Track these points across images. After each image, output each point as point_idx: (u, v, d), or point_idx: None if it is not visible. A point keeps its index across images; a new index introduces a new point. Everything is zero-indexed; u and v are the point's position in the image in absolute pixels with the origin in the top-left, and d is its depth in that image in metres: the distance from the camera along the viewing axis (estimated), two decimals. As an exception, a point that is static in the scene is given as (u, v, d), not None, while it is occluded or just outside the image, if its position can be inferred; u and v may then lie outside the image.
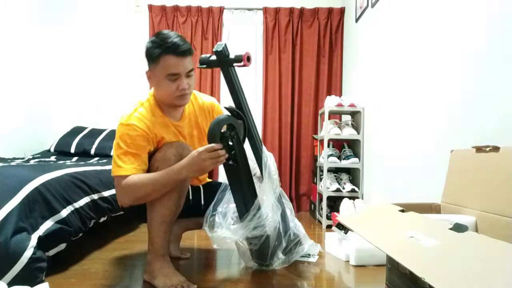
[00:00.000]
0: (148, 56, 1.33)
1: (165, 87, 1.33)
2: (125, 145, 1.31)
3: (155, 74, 1.33)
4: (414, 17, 1.84)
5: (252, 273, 1.49)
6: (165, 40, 1.28)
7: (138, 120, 1.34)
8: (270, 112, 3.31)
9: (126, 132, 1.32)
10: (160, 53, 1.28)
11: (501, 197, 0.98)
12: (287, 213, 1.51)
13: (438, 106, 1.57)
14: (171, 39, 1.28)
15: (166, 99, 1.38)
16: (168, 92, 1.33)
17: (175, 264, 1.44)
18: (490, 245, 0.72)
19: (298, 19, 3.33)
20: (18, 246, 1.22)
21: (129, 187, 1.28)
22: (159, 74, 1.31)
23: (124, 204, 1.36)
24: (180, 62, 1.30)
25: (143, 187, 1.28)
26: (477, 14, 1.32)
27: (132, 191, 1.29)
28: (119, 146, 1.32)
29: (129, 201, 1.33)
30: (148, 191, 1.29)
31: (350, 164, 2.61)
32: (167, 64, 1.29)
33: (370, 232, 1.00)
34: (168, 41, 1.28)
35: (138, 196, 1.31)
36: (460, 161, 1.22)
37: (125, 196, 1.32)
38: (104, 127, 3.18)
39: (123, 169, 1.29)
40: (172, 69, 1.30)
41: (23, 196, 1.32)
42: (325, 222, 2.54)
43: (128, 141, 1.31)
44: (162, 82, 1.32)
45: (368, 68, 2.59)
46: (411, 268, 0.70)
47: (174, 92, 1.33)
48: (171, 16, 3.33)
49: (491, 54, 1.24)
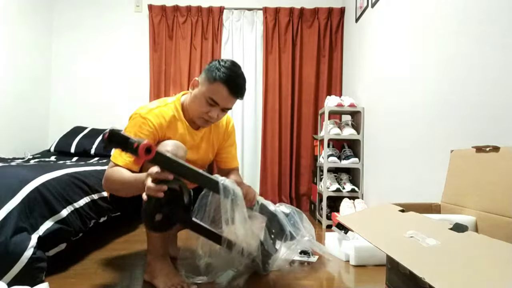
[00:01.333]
0: (209, 71, 1.35)
1: (199, 104, 1.37)
2: (132, 135, 1.28)
3: (201, 89, 1.37)
4: (414, 17, 1.84)
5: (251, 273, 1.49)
6: (231, 73, 1.33)
7: (155, 117, 1.37)
8: (270, 112, 3.31)
9: (139, 124, 1.35)
10: (219, 79, 1.32)
11: (501, 197, 0.98)
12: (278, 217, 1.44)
13: (438, 106, 1.56)
14: (235, 77, 1.34)
15: (192, 112, 1.42)
16: (198, 109, 1.38)
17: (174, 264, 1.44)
18: (490, 245, 0.72)
19: (298, 19, 3.33)
20: (18, 246, 1.22)
21: (107, 178, 1.32)
22: (205, 91, 1.35)
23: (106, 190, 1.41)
24: (228, 98, 1.35)
25: (115, 183, 1.30)
26: (477, 13, 1.32)
27: (107, 182, 1.33)
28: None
29: (105, 189, 1.38)
30: (118, 188, 1.31)
31: (350, 164, 2.61)
32: (217, 91, 1.33)
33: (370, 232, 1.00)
34: (232, 75, 1.33)
35: (111, 189, 1.34)
36: (460, 161, 1.22)
37: (104, 183, 1.35)
38: (104, 127, 3.18)
39: (121, 158, 1.31)
40: (217, 98, 1.34)
41: (23, 196, 1.32)
42: (325, 222, 2.54)
43: (137, 133, 1.33)
44: (201, 98, 1.36)
45: (368, 68, 2.59)
46: (411, 268, 0.70)
47: (202, 114, 1.38)
48: (171, 16, 3.33)
49: (491, 54, 1.24)
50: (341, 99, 2.69)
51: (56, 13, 3.39)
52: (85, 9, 3.39)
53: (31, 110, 3.11)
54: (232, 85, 1.33)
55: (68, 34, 3.39)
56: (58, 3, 3.39)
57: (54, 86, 3.38)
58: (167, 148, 1.30)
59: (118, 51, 3.40)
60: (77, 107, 3.37)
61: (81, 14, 3.39)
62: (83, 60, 3.39)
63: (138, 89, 3.36)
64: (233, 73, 1.34)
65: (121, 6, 3.41)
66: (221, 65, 1.34)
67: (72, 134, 3.00)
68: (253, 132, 3.37)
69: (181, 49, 3.32)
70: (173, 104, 1.44)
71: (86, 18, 3.39)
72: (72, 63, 3.39)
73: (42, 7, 3.23)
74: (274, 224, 1.43)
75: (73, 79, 3.38)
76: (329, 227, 2.48)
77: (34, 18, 3.14)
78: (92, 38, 3.39)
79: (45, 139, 3.31)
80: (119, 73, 3.39)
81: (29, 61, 3.08)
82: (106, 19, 3.40)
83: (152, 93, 3.29)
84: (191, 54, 3.32)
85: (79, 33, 3.39)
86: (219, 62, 1.36)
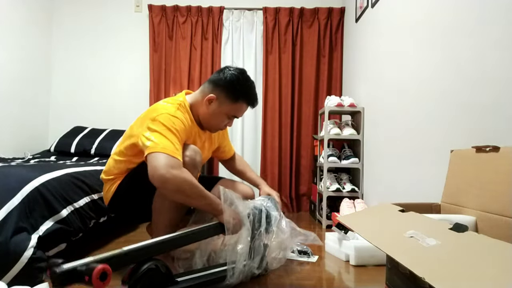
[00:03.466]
0: (232, 90, 1.40)
1: (221, 120, 1.45)
2: (176, 131, 1.28)
3: (222, 107, 1.42)
4: (414, 17, 1.84)
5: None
6: (251, 91, 1.44)
7: (183, 118, 1.37)
8: (270, 112, 3.31)
9: (175, 121, 1.30)
10: (242, 100, 1.42)
11: (501, 197, 0.98)
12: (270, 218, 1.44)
13: (438, 106, 1.56)
14: (254, 92, 1.45)
15: (207, 123, 1.47)
16: (216, 123, 1.46)
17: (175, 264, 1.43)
18: (490, 245, 0.72)
19: (298, 19, 3.33)
20: (18, 246, 1.22)
21: (186, 183, 1.19)
22: (226, 109, 1.42)
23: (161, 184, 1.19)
24: (246, 110, 1.48)
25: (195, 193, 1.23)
26: (478, 13, 1.32)
27: (186, 189, 1.20)
28: (171, 131, 1.26)
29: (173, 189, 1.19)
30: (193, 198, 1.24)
31: (350, 164, 2.61)
32: (239, 109, 1.44)
33: (370, 232, 1.00)
34: (253, 94, 1.44)
35: (182, 193, 1.21)
36: (460, 161, 1.22)
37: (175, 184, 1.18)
38: (104, 127, 3.18)
39: (179, 152, 1.23)
40: (238, 114, 1.46)
41: (23, 196, 1.32)
42: (325, 222, 2.54)
43: (178, 129, 1.29)
44: (222, 116, 1.44)
45: (368, 68, 2.59)
46: (411, 268, 0.70)
47: (220, 125, 1.48)
48: (171, 16, 3.33)
49: (491, 54, 1.24)
50: (341, 99, 2.69)
51: (56, 13, 3.39)
52: (85, 9, 3.39)
53: (31, 110, 3.11)
54: (252, 101, 1.45)
55: (68, 34, 3.39)
56: (58, 3, 3.38)
57: (54, 86, 3.38)
58: (186, 153, 1.31)
59: (118, 51, 3.40)
60: (77, 107, 3.37)
61: (81, 14, 3.39)
62: (83, 60, 3.39)
63: (138, 89, 3.36)
64: (251, 89, 1.44)
65: (121, 6, 3.41)
66: (240, 83, 1.39)
67: (72, 134, 3.00)
68: (253, 132, 3.37)
69: (181, 49, 3.32)
70: (184, 108, 1.43)
71: (86, 18, 3.39)
72: (72, 63, 3.38)
73: (42, 7, 3.23)
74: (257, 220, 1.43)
75: (73, 79, 3.38)
76: (329, 227, 2.48)
77: (34, 18, 3.14)
78: (92, 38, 3.39)
79: (45, 139, 3.31)
80: (119, 73, 3.39)
81: (29, 61, 3.08)
82: (106, 19, 3.40)
83: (152, 93, 3.29)
84: (191, 54, 3.32)
85: (79, 33, 3.39)
86: (239, 80, 1.39)
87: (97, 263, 0.90)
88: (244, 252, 1.30)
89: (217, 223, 1.31)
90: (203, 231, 1.29)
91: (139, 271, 1.06)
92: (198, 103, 1.45)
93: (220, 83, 1.41)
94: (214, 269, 1.30)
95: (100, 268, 0.84)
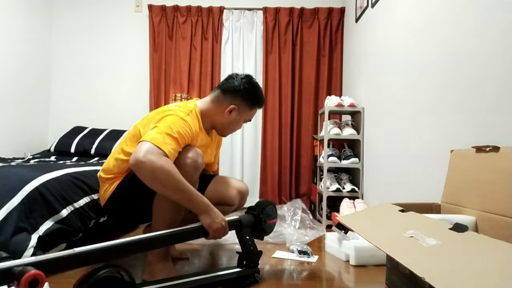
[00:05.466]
0: (249, 98, 1.53)
1: (239, 125, 1.59)
2: (177, 134, 1.31)
3: (242, 114, 1.55)
4: (414, 17, 1.84)
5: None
6: (261, 96, 1.58)
7: (192, 123, 1.40)
8: (270, 112, 3.31)
9: (182, 125, 1.34)
10: (257, 105, 1.58)
11: (501, 197, 0.98)
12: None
13: (438, 106, 1.56)
14: (263, 97, 1.59)
15: (224, 129, 1.58)
16: (235, 129, 1.60)
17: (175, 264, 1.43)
18: (490, 245, 0.72)
19: (298, 19, 3.33)
20: (18, 246, 1.22)
21: (162, 169, 1.18)
22: (245, 115, 1.56)
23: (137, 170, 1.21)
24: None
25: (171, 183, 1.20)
26: (478, 13, 1.32)
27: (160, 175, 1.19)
28: (171, 130, 1.29)
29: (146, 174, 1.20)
30: (169, 188, 1.21)
31: (350, 164, 2.61)
32: (253, 113, 1.59)
33: (370, 232, 1.00)
34: (263, 97, 1.60)
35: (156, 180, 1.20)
36: (460, 161, 1.22)
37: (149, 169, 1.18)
38: (104, 127, 3.18)
39: (167, 146, 1.24)
40: (251, 117, 1.61)
41: (23, 196, 1.32)
42: (325, 222, 2.54)
43: (181, 133, 1.32)
44: (239, 121, 1.56)
45: (368, 68, 2.59)
46: (411, 268, 0.70)
47: (236, 129, 1.61)
48: (171, 16, 3.33)
49: (491, 53, 1.24)
50: (341, 99, 2.69)
51: (56, 13, 3.39)
52: (85, 9, 3.39)
53: (31, 110, 3.11)
54: (263, 104, 1.62)
55: (68, 34, 3.39)
56: (58, 3, 3.39)
57: (54, 86, 3.38)
58: (188, 155, 1.32)
59: (118, 51, 3.40)
60: (77, 107, 3.37)
61: (81, 14, 3.39)
62: (83, 60, 3.39)
63: (138, 89, 3.37)
64: (262, 94, 1.58)
65: (121, 6, 3.41)
66: (254, 90, 1.53)
67: (72, 134, 3.00)
68: (253, 132, 3.38)
69: (181, 49, 3.32)
70: (195, 114, 1.46)
71: (86, 18, 3.39)
72: (72, 63, 3.39)
73: (42, 7, 3.23)
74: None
75: (73, 79, 3.38)
76: (329, 227, 2.48)
77: (34, 18, 3.14)
78: (92, 38, 3.39)
79: (45, 139, 3.31)
80: (119, 73, 3.40)
81: (29, 61, 3.08)
82: (106, 19, 3.40)
83: (152, 93, 3.29)
84: (191, 54, 3.32)
85: (79, 33, 3.39)
86: (255, 87, 1.54)
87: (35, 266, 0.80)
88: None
89: (199, 225, 1.27)
90: (179, 234, 1.20)
91: (92, 278, 0.91)
92: (213, 112, 1.52)
93: (238, 94, 1.51)
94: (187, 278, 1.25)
95: (30, 274, 0.74)
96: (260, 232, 1.48)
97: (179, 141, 1.30)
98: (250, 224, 1.44)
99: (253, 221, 1.45)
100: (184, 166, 1.30)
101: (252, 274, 1.36)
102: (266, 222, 1.49)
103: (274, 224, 1.57)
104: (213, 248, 1.89)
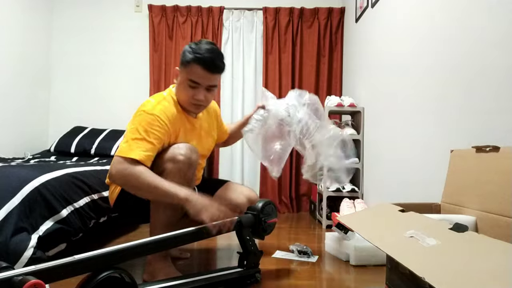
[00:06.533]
0: (182, 56, 1.40)
1: (184, 90, 1.41)
2: (144, 133, 1.29)
3: (181, 75, 1.41)
4: (414, 17, 1.84)
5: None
6: (200, 51, 1.35)
7: (162, 113, 1.36)
8: (270, 112, 3.31)
9: (149, 121, 1.32)
10: (191, 60, 1.36)
11: (501, 197, 0.98)
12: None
13: (438, 106, 1.56)
14: (205, 53, 1.35)
15: (182, 102, 1.45)
16: (185, 96, 1.41)
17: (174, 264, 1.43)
18: (490, 245, 0.72)
19: (298, 19, 3.33)
20: (18, 246, 1.22)
21: (131, 175, 1.23)
22: (184, 76, 1.39)
23: (113, 182, 1.35)
24: (205, 75, 1.37)
25: (143, 184, 1.23)
26: (478, 13, 1.32)
27: (130, 180, 1.24)
28: (137, 132, 1.30)
29: (120, 183, 1.31)
30: (144, 189, 1.25)
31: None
32: (193, 71, 1.37)
33: (370, 232, 1.00)
34: (201, 52, 1.35)
35: (131, 186, 1.26)
36: (460, 161, 1.22)
37: (120, 178, 1.26)
38: (104, 127, 3.18)
39: (134, 152, 1.25)
40: (195, 78, 1.37)
41: (23, 196, 1.32)
42: (325, 222, 2.54)
43: (148, 130, 1.30)
44: (184, 84, 1.40)
45: (368, 68, 2.59)
46: (411, 268, 0.70)
47: (190, 98, 1.41)
48: (171, 16, 3.33)
49: (491, 53, 1.24)
50: (341, 99, 2.69)
51: (56, 13, 3.38)
52: (85, 9, 3.39)
53: (31, 110, 3.11)
54: (204, 62, 1.34)
55: (68, 34, 3.38)
56: (58, 3, 3.38)
57: (54, 86, 3.38)
58: (181, 151, 1.31)
59: (118, 51, 3.39)
60: (77, 107, 3.37)
61: (81, 14, 3.39)
62: (83, 60, 3.38)
63: (138, 89, 3.36)
64: (202, 50, 1.35)
65: (121, 6, 3.41)
66: (191, 47, 1.37)
67: (72, 134, 3.00)
68: (253, 132, 3.37)
69: (181, 49, 3.31)
70: (170, 97, 1.44)
71: (86, 18, 3.39)
72: (72, 63, 3.38)
73: (42, 7, 3.23)
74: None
75: (73, 79, 3.38)
76: (329, 227, 2.48)
77: (34, 18, 3.14)
78: (92, 38, 3.39)
79: (45, 139, 3.31)
80: (119, 73, 3.39)
81: (29, 61, 3.08)
82: (106, 19, 3.40)
83: (152, 93, 3.28)
84: (191, 54, 3.32)
85: (79, 33, 3.39)
86: (190, 45, 1.39)
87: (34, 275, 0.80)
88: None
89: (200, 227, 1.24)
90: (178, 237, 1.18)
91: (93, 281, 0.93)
92: (177, 89, 1.47)
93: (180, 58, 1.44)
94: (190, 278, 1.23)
95: (31, 284, 0.75)
96: (260, 232, 1.48)
97: (149, 139, 1.29)
98: (250, 224, 1.44)
99: (253, 221, 1.45)
100: (178, 163, 1.30)
101: (253, 274, 1.36)
102: (266, 222, 1.49)
103: (274, 224, 1.57)
104: (213, 248, 1.89)
